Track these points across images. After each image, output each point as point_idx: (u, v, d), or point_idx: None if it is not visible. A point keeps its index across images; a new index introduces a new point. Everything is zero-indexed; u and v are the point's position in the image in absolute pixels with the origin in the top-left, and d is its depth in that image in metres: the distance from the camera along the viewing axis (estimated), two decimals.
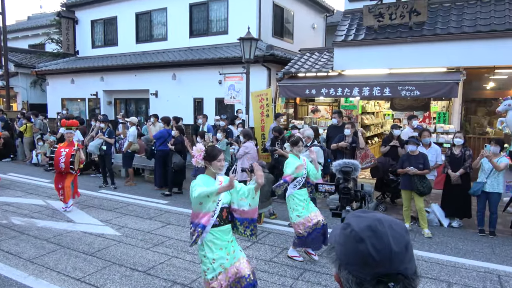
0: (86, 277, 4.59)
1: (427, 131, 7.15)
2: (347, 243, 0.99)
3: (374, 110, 12.58)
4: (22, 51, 20.67)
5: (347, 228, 1.01)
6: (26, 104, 18.54)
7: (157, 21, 14.95)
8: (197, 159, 3.45)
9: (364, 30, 9.85)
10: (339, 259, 1.01)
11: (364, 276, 0.94)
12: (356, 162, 2.27)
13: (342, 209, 1.93)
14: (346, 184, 2.00)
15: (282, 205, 7.98)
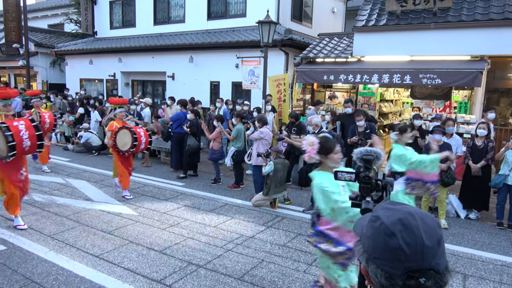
0: (104, 254, 4.71)
1: (451, 120, 6.97)
2: (376, 236, 0.96)
3: (393, 98, 12.36)
4: (42, 31, 20.88)
5: (376, 221, 0.98)
6: (46, 83, 18.82)
7: (175, 3, 14.86)
8: (310, 154, 3.00)
9: (386, 15, 9.59)
10: (367, 252, 0.99)
11: (394, 271, 0.92)
12: (379, 151, 2.21)
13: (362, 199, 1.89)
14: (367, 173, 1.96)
15: (296, 190, 8.00)
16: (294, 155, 8.30)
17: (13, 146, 4.95)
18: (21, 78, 20.71)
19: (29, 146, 5.16)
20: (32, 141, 5.17)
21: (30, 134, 5.14)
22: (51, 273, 4.22)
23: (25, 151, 5.26)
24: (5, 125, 4.97)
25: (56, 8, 23.32)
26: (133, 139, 6.72)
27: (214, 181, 8.34)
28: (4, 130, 4.93)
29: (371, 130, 7.37)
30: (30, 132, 5.16)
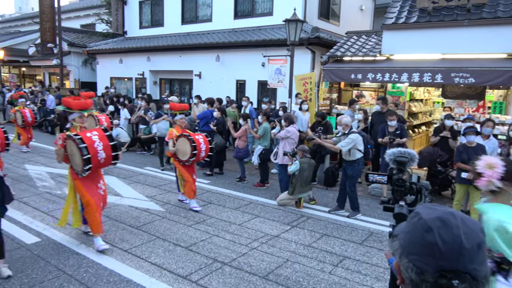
0: (133, 249, 4.83)
1: (491, 121, 6.62)
2: (413, 231, 0.95)
3: (423, 97, 12.02)
4: (75, 31, 21.59)
5: (415, 216, 0.97)
6: (78, 82, 19.45)
7: (202, 2, 15.01)
8: (489, 179, 2.29)
9: (417, 13, 9.33)
10: (402, 247, 0.97)
11: (425, 267, 0.90)
12: (413, 152, 2.12)
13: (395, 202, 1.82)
14: (400, 175, 1.90)
15: (321, 190, 7.92)
16: (320, 154, 8.23)
17: (88, 159, 4.51)
18: (55, 76, 21.49)
19: (104, 158, 4.72)
20: (107, 153, 4.73)
21: (104, 144, 4.71)
22: (82, 265, 4.37)
23: (101, 164, 4.78)
24: (78, 137, 4.55)
25: (88, 8, 24.05)
26: (192, 148, 6.18)
27: (239, 179, 8.38)
28: (78, 142, 4.51)
29: (402, 131, 7.21)
30: (104, 142, 4.73)
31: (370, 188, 7.77)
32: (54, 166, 9.09)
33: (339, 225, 5.97)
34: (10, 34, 27.13)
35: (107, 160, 4.78)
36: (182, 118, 6.71)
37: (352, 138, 6.14)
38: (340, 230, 5.73)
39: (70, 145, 4.65)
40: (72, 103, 4.92)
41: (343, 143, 6.18)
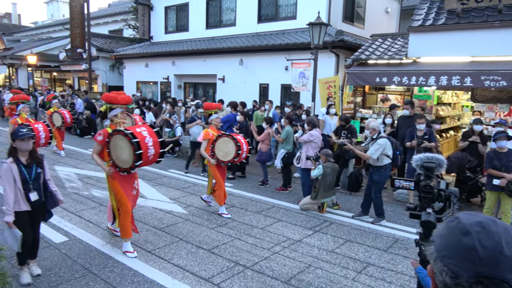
0: (156, 250, 4.89)
1: None
2: (450, 234, 0.93)
3: (451, 101, 11.68)
4: (103, 37, 22.22)
5: (454, 220, 0.95)
6: (105, 86, 19.99)
7: (226, 7, 15.16)
8: None
9: (445, 14, 9.09)
10: (437, 251, 0.95)
11: (461, 272, 0.87)
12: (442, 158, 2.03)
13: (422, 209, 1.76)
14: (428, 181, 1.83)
15: (345, 195, 7.81)
16: (343, 159, 8.12)
17: (140, 155, 4.39)
18: (84, 80, 22.17)
19: (153, 154, 4.60)
20: (156, 149, 4.62)
21: (153, 141, 4.59)
22: (107, 265, 4.46)
23: (149, 161, 4.66)
24: (129, 132, 4.41)
25: (116, 14, 24.74)
26: (237, 148, 6.08)
27: (262, 183, 8.37)
28: (131, 137, 4.37)
29: (430, 135, 7.02)
30: (154, 139, 4.61)
31: (395, 194, 7.60)
32: (82, 168, 9.36)
33: (363, 231, 5.86)
34: (43, 40, 28.24)
35: (155, 157, 4.67)
36: (218, 118, 6.56)
37: (381, 143, 6.01)
38: (364, 236, 5.63)
39: (118, 140, 4.50)
40: (118, 98, 4.76)
41: (372, 150, 6.02)
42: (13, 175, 3.76)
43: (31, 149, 3.94)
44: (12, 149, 3.89)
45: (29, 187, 3.86)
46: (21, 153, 3.86)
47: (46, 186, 4.06)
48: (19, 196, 3.81)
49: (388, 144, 6.14)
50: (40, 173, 3.98)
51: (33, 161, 3.93)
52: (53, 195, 4.11)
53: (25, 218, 3.90)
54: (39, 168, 3.98)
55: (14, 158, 3.85)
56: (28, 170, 3.88)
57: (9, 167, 3.78)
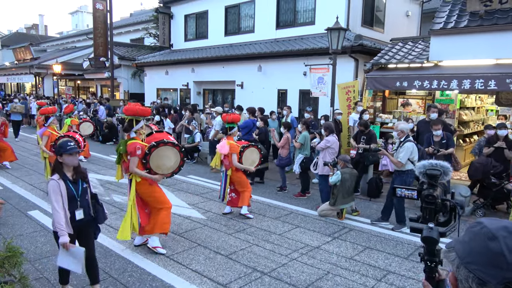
0: (174, 255, 4.93)
1: None
2: (474, 240, 0.90)
3: (474, 105, 11.39)
4: (125, 45, 22.77)
5: (477, 225, 0.92)
6: (127, 93, 20.42)
7: (245, 14, 15.28)
8: None
9: (468, 16, 8.90)
10: (459, 257, 0.92)
11: (488, 278, 0.84)
12: (447, 165, 1.88)
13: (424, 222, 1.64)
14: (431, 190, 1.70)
15: (365, 201, 7.69)
16: (363, 164, 8.01)
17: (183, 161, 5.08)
18: (106, 88, 22.72)
19: None
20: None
21: None
22: (127, 269, 4.52)
23: None
24: (172, 141, 4.97)
25: (137, 23, 25.31)
26: (260, 155, 6.83)
27: (280, 188, 8.35)
28: (180, 147, 5.08)
29: (448, 140, 6.84)
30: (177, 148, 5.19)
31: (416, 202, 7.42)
32: (104, 174, 9.56)
33: (383, 238, 5.75)
34: (67, 50, 29.17)
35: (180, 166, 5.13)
36: (235, 131, 6.75)
37: (408, 147, 5.90)
38: (384, 243, 5.52)
39: (164, 151, 4.89)
40: (140, 110, 4.92)
41: (401, 155, 5.92)
42: (61, 192, 3.49)
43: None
44: (58, 164, 3.61)
45: (77, 204, 3.61)
46: (66, 168, 3.61)
47: (96, 200, 3.83)
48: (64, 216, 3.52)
49: (415, 149, 6.03)
50: (87, 188, 3.75)
51: (78, 176, 3.67)
52: (103, 210, 3.88)
53: (73, 240, 3.59)
54: (84, 183, 3.73)
55: (60, 174, 3.56)
56: (75, 186, 3.62)
57: (57, 184, 3.49)
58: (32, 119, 19.57)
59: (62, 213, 3.45)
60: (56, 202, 3.45)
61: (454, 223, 1.67)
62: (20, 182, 8.55)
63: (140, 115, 4.87)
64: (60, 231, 3.41)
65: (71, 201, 3.54)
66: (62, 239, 3.40)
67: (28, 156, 11.65)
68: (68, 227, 3.49)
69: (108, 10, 18.09)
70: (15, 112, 15.55)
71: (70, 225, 3.54)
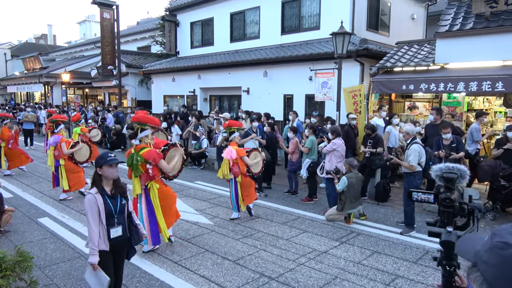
0: (182, 261, 4.95)
1: None
2: (504, 266, 0.83)
3: (482, 107, 11.29)
4: (132, 53, 23.02)
5: (505, 248, 0.84)
6: (134, 100, 20.60)
7: (250, 20, 15.38)
8: None
9: (473, 18, 8.87)
10: (488, 283, 0.85)
11: None
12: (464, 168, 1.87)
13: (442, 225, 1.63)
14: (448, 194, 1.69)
15: (372, 205, 7.65)
16: (370, 168, 7.98)
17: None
18: (114, 96, 22.95)
19: None
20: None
21: None
22: (135, 275, 4.55)
23: None
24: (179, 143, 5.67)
25: (144, 32, 25.58)
26: (263, 158, 7.11)
27: (292, 192, 8.35)
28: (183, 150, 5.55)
29: (458, 144, 6.79)
30: None
31: (425, 204, 7.38)
32: None
33: (391, 242, 5.71)
34: (76, 59, 29.55)
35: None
36: (237, 137, 6.88)
37: (415, 149, 5.93)
38: (392, 248, 5.48)
39: (175, 152, 5.28)
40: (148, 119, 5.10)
41: (410, 158, 5.97)
42: (98, 208, 3.24)
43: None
44: (97, 177, 3.34)
45: (114, 221, 3.34)
46: (105, 182, 3.35)
47: (131, 219, 3.56)
48: (100, 233, 3.28)
49: (422, 151, 6.02)
50: (125, 205, 3.47)
51: (117, 191, 3.40)
52: (138, 229, 3.60)
53: (108, 258, 3.35)
54: (123, 198, 3.45)
55: (99, 188, 3.31)
56: (113, 202, 3.35)
57: (94, 199, 3.24)
58: (41, 128, 19.85)
59: (97, 230, 3.22)
60: (92, 218, 3.21)
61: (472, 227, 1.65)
62: (30, 189, 8.67)
63: (144, 122, 4.96)
64: (91, 249, 3.20)
65: (108, 217, 3.29)
66: (91, 259, 3.19)
67: (38, 164, 11.79)
68: (104, 244, 3.28)
69: (115, 19, 18.34)
70: (27, 121, 15.77)
71: (107, 242, 3.31)
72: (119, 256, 3.53)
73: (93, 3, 18.39)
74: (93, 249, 3.20)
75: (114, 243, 3.36)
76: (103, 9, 18.75)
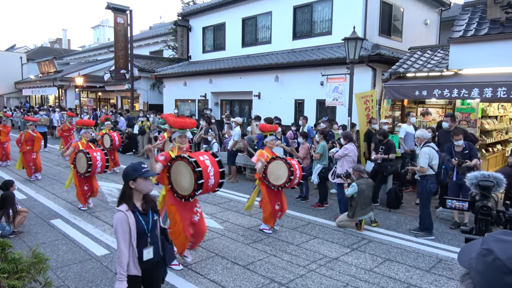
0: (192, 265, 4.95)
1: None
2: (489, 273, 0.84)
3: (497, 114, 11.12)
4: (144, 58, 23.27)
5: (488, 255, 0.85)
6: (146, 104, 20.79)
7: (262, 25, 15.44)
8: None
9: (488, 24, 8.76)
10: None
11: None
12: (500, 176, 1.83)
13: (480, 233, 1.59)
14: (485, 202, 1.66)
15: (384, 212, 7.56)
16: (382, 174, 7.90)
17: (201, 184, 4.30)
18: (126, 100, 23.19)
19: (212, 184, 4.52)
20: (216, 179, 4.52)
21: (215, 171, 4.52)
22: None
23: (208, 189, 4.57)
24: (193, 159, 4.32)
25: (156, 36, 25.87)
26: (289, 172, 5.80)
27: (303, 198, 8.31)
28: (194, 165, 4.29)
29: (470, 151, 6.67)
30: (215, 168, 4.54)
31: (438, 211, 7.26)
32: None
33: (404, 250, 5.63)
34: (89, 63, 30.00)
35: (214, 186, 4.56)
36: (273, 140, 6.34)
37: (425, 151, 5.98)
38: (404, 255, 5.40)
39: (181, 167, 4.42)
40: (172, 122, 4.76)
41: (420, 160, 6.05)
42: (129, 227, 2.78)
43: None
44: (128, 191, 2.88)
45: (147, 241, 2.88)
46: (136, 197, 2.91)
47: (165, 236, 3.11)
48: (130, 255, 2.81)
49: (433, 153, 5.99)
50: (157, 221, 3.04)
51: (148, 206, 2.97)
52: (172, 247, 3.20)
53: (138, 284, 2.91)
54: (155, 214, 3.01)
55: (130, 205, 2.85)
56: (145, 218, 2.90)
57: (125, 217, 2.79)
58: (54, 130, 20.13)
59: (127, 252, 2.77)
60: (123, 239, 2.76)
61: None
62: (43, 191, 8.78)
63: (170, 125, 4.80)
64: (119, 274, 2.76)
65: (140, 237, 2.84)
66: (118, 286, 2.75)
67: (51, 166, 11.95)
68: (135, 268, 2.83)
69: (129, 24, 18.58)
70: (40, 124, 16.02)
71: (138, 266, 2.85)
72: (153, 279, 3.04)
73: (107, 8, 18.68)
74: (122, 274, 2.75)
75: (147, 266, 2.91)
76: (117, 14, 19.02)
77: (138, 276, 2.85)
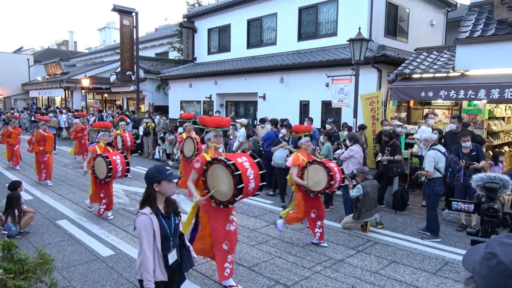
0: (198, 266, 4.95)
1: None
2: (492, 276, 0.83)
3: (504, 115, 11.02)
4: (150, 59, 23.38)
5: (491, 258, 0.85)
6: (152, 106, 20.88)
7: (267, 27, 15.45)
8: None
9: (495, 25, 8.69)
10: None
11: None
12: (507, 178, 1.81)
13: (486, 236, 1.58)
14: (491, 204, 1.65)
15: (390, 214, 7.52)
16: (387, 176, 7.86)
17: (241, 189, 3.93)
18: (132, 101, 23.30)
19: (253, 188, 4.12)
20: (256, 182, 4.13)
21: (255, 173, 4.12)
22: None
23: (248, 194, 4.19)
24: (231, 162, 3.96)
25: (162, 38, 25.98)
26: (329, 177, 5.40)
27: None
28: (233, 169, 3.93)
29: (478, 152, 6.62)
30: (255, 171, 4.13)
31: (444, 214, 7.21)
32: (129, 184, 9.76)
33: (410, 252, 5.59)
34: (95, 64, 30.20)
35: (254, 190, 4.17)
36: (308, 141, 5.96)
37: (430, 155, 5.95)
38: (410, 258, 5.37)
39: (217, 170, 4.08)
40: (208, 121, 4.48)
41: (426, 165, 6.02)
42: (154, 231, 2.72)
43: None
44: (153, 194, 2.81)
45: (170, 245, 2.83)
46: (159, 200, 2.84)
47: (182, 241, 3.02)
48: (156, 260, 2.75)
49: (439, 156, 5.95)
50: (178, 224, 2.97)
51: (171, 209, 2.90)
52: (190, 253, 3.08)
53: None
54: (177, 217, 2.95)
55: (154, 208, 2.78)
56: (168, 222, 2.84)
57: (150, 220, 2.72)
58: (61, 132, 20.29)
59: (151, 257, 2.70)
60: (147, 244, 2.69)
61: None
62: (50, 192, 8.84)
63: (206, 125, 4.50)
64: (146, 281, 2.66)
65: (163, 240, 2.78)
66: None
67: (58, 167, 12.04)
68: (162, 274, 2.76)
69: (135, 26, 18.67)
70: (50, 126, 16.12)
71: (165, 271, 2.78)
72: (173, 285, 2.95)
73: (113, 10, 18.79)
74: (149, 281, 2.65)
75: (171, 271, 2.84)
76: (123, 16, 19.13)
77: (164, 281, 2.78)
